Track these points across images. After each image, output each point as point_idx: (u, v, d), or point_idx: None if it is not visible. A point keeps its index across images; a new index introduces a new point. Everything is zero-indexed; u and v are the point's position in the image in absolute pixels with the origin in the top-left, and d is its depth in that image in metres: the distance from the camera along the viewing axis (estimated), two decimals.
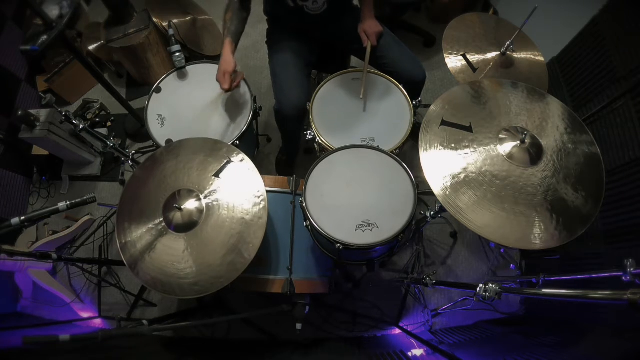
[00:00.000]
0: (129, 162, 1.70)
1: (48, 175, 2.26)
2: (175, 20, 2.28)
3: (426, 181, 1.04)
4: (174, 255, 1.12)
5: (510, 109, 1.19)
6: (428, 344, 1.51)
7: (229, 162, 1.22)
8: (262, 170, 1.23)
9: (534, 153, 1.08)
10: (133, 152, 1.72)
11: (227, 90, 1.41)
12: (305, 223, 1.25)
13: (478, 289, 0.96)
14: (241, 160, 1.23)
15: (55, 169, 2.25)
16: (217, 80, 1.41)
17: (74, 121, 1.45)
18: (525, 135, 1.07)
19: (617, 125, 1.44)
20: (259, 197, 1.16)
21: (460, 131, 1.12)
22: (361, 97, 1.45)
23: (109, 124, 2.39)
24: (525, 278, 1.48)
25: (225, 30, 1.48)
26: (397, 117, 1.45)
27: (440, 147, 1.09)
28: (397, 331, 1.78)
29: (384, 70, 1.58)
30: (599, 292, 0.66)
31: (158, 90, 1.53)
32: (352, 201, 1.21)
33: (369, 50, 1.53)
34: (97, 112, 2.42)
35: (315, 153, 1.57)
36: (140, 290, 1.88)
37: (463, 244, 1.95)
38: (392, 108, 1.48)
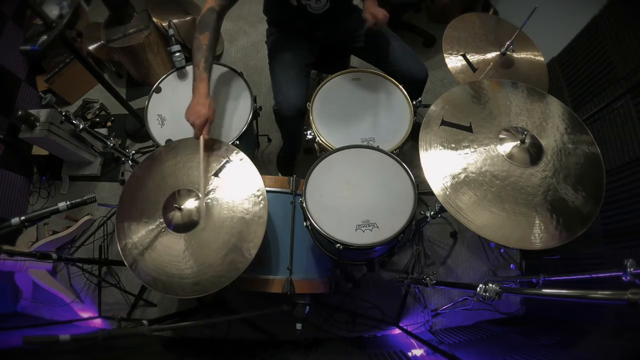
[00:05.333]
0: (129, 162, 1.70)
1: (48, 175, 2.26)
2: (175, 20, 2.28)
3: (426, 181, 1.04)
4: (175, 255, 1.12)
5: (510, 109, 1.19)
6: (428, 344, 1.51)
7: (228, 161, 1.23)
8: (262, 170, 1.23)
9: (534, 153, 1.08)
10: (133, 152, 1.72)
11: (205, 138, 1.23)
12: (305, 223, 1.25)
13: (478, 289, 0.97)
14: (241, 160, 1.23)
15: (55, 169, 2.24)
16: (193, 124, 1.23)
17: (74, 121, 1.45)
18: (525, 135, 1.07)
19: (617, 125, 1.44)
20: (258, 197, 1.16)
21: (460, 131, 1.12)
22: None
23: (109, 124, 2.39)
24: (525, 278, 1.48)
25: (202, 59, 1.26)
26: (397, 117, 1.45)
27: (440, 147, 1.09)
28: (397, 331, 1.78)
29: (386, 69, 1.58)
30: (599, 292, 0.66)
31: (158, 90, 1.53)
32: (352, 201, 1.21)
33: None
34: (97, 112, 2.42)
35: (315, 153, 1.57)
36: (140, 290, 1.88)
37: (463, 244, 1.95)
38: (392, 108, 1.48)
